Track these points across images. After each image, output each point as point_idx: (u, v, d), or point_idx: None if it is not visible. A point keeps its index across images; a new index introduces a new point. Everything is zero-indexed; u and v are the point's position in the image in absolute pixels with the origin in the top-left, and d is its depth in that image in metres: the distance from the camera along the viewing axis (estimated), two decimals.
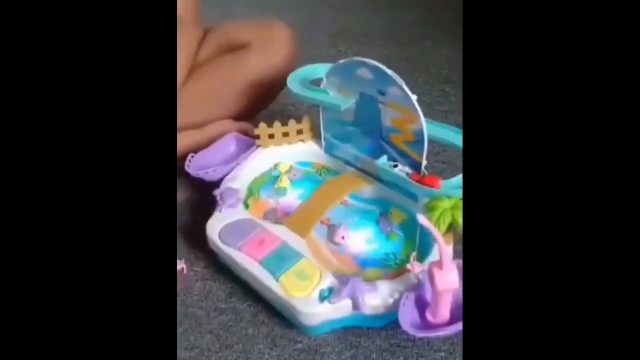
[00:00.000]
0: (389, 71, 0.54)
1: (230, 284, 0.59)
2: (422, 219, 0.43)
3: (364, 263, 0.56)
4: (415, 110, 0.54)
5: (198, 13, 0.79)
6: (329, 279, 0.52)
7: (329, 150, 0.69)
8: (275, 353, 0.52)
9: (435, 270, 0.45)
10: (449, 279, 0.45)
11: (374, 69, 0.56)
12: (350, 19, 1.33)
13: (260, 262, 0.54)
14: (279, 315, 0.55)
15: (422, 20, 1.29)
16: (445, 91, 0.97)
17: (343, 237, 0.57)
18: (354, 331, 0.53)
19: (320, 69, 0.67)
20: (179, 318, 0.55)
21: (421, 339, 0.52)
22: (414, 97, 0.54)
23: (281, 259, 0.54)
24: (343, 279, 0.51)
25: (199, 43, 0.77)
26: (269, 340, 0.53)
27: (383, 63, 0.56)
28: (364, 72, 0.57)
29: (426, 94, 0.94)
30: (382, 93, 0.57)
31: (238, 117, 0.75)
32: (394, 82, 0.54)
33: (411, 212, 0.59)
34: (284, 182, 0.66)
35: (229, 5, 1.31)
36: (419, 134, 0.56)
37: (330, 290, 0.51)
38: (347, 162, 0.66)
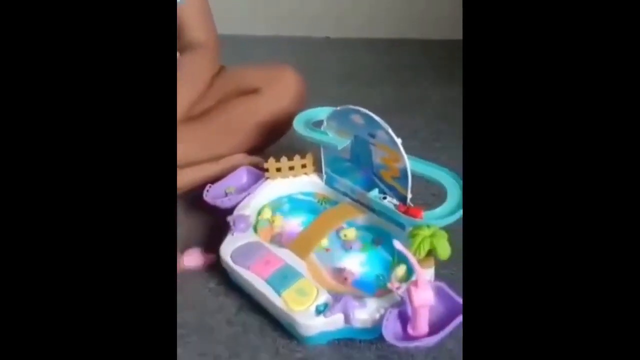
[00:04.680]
0: (377, 118, 0.63)
1: (240, 300, 0.66)
2: (397, 244, 0.52)
3: (357, 284, 0.63)
4: (400, 151, 0.63)
5: (218, 43, 0.87)
6: (325, 295, 0.59)
7: (329, 182, 0.77)
8: None
9: (412, 289, 0.53)
10: (425, 296, 0.53)
11: (365, 115, 0.64)
12: (353, 60, 1.44)
13: (266, 280, 0.61)
14: (282, 328, 0.62)
15: (420, 62, 1.40)
16: (439, 129, 1.05)
17: (346, 279, 0.63)
18: (347, 344, 0.59)
19: (321, 112, 0.77)
20: (194, 327, 0.63)
21: (406, 351, 0.58)
22: (399, 141, 0.62)
23: (284, 278, 0.61)
24: (337, 296, 0.59)
25: (214, 74, 0.87)
26: (272, 350, 0.60)
27: (384, 103, 0.63)
28: (357, 118, 0.66)
29: (422, 131, 1.03)
30: (372, 136, 0.66)
31: (250, 152, 0.85)
32: (381, 127, 0.63)
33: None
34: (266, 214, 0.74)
35: (241, 47, 1.42)
36: (404, 171, 0.64)
37: (325, 305, 0.58)
38: (344, 194, 0.75)
